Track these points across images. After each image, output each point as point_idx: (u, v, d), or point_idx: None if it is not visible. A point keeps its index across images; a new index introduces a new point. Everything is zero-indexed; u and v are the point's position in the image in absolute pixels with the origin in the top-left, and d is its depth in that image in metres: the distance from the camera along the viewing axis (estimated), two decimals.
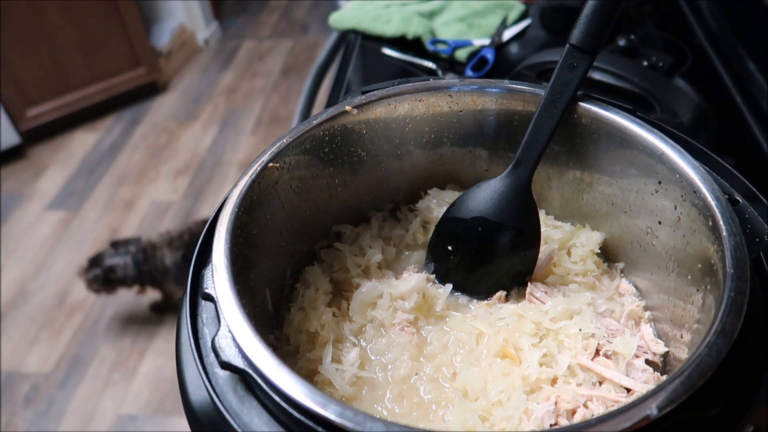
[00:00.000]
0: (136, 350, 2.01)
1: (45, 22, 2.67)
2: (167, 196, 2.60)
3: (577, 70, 0.55)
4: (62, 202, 2.59)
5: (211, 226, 0.50)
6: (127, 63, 3.01)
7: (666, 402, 0.36)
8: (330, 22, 1.33)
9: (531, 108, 0.60)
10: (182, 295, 0.49)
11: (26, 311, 2.12)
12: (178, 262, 1.88)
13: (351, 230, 0.66)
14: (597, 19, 0.54)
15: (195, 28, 3.55)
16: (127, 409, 1.84)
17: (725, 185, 0.53)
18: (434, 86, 0.62)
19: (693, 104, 0.91)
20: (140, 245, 1.91)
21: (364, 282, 0.60)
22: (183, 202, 2.56)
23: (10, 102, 2.69)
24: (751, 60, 0.95)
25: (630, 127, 0.55)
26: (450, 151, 0.66)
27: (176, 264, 1.88)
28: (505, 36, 1.21)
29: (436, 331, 0.58)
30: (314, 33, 3.73)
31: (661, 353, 0.53)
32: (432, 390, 0.53)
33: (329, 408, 0.36)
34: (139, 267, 1.87)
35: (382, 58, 1.20)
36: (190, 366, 0.45)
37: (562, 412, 0.48)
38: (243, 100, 3.17)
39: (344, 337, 0.57)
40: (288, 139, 0.56)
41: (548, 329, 0.55)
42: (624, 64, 0.92)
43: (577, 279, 0.61)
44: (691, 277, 0.50)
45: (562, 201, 0.65)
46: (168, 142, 2.91)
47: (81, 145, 2.91)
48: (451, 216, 0.62)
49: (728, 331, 0.39)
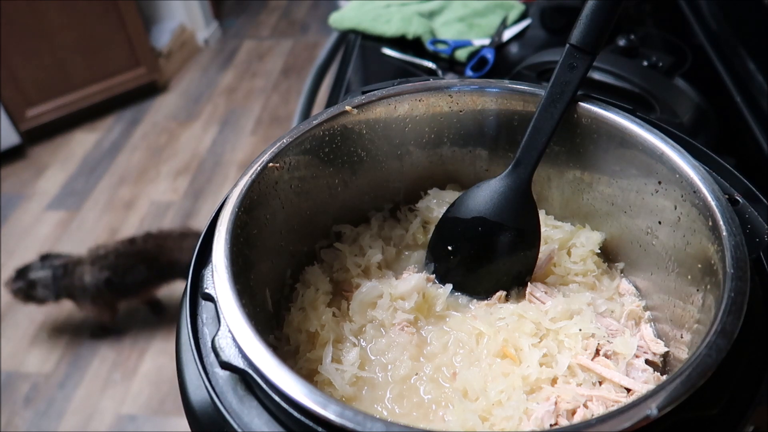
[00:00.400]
0: (136, 350, 2.01)
1: (45, 22, 2.67)
2: (167, 196, 2.60)
3: (577, 70, 0.55)
4: (62, 202, 2.59)
5: (211, 226, 0.50)
6: (127, 63, 3.01)
7: (666, 402, 0.36)
8: (330, 22, 1.33)
9: (531, 108, 0.60)
10: (183, 295, 0.49)
11: (26, 311, 2.12)
12: (99, 284, 1.83)
13: (351, 230, 0.66)
14: (597, 19, 0.54)
15: (195, 28, 3.55)
16: (127, 409, 1.84)
17: (725, 185, 0.53)
18: (434, 86, 0.62)
19: (693, 104, 0.91)
20: (67, 260, 1.88)
21: (364, 282, 0.60)
22: (183, 202, 2.56)
23: (10, 102, 2.69)
24: (751, 60, 0.95)
25: (630, 127, 0.55)
26: (450, 151, 0.66)
27: (96, 284, 1.83)
28: (505, 36, 1.21)
29: (436, 331, 0.58)
30: (314, 33, 3.73)
31: (661, 353, 0.53)
32: (432, 390, 0.53)
33: (329, 408, 0.36)
34: (58, 281, 1.84)
35: (382, 58, 1.20)
36: (190, 366, 0.45)
37: (562, 412, 0.48)
38: (243, 100, 3.17)
39: (344, 337, 0.57)
40: (288, 139, 0.56)
41: (548, 329, 0.55)
42: (624, 64, 0.92)
43: (577, 279, 0.61)
44: (691, 277, 0.50)
45: (562, 201, 0.65)
46: (168, 142, 2.91)
47: (81, 145, 2.91)
48: (451, 216, 0.62)
49: (728, 331, 0.39)
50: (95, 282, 1.83)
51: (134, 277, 1.86)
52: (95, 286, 1.83)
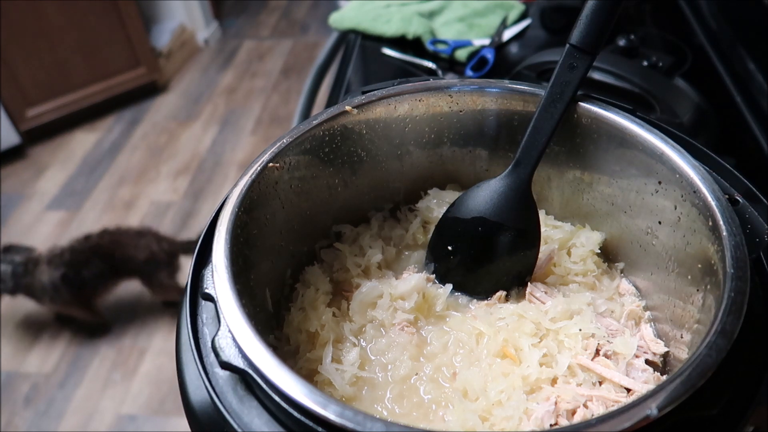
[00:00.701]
0: (136, 350, 2.01)
1: (45, 22, 2.67)
2: (167, 196, 2.60)
3: (577, 70, 0.55)
4: (62, 202, 2.59)
5: (211, 226, 0.50)
6: (127, 63, 3.01)
7: (666, 402, 0.36)
8: (330, 22, 1.33)
9: (531, 108, 0.60)
10: (182, 295, 0.49)
11: (26, 311, 2.12)
12: (56, 281, 1.82)
13: (351, 230, 0.66)
14: (597, 19, 0.54)
15: (195, 28, 3.55)
16: (127, 409, 1.84)
17: (725, 185, 0.53)
18: (434, 86, 0.62)
19: (693, 104, 0.91)
20: (29, 256, 1.87)
21: (364, 282, 0.60)
22: (183, 202, 2.56)
23: (10, 102, 2.69)
24: (751, 60, 0.95)
25: (630, 127, 0.55)
26: (450, 151, 0.66)
27: (53, 282, 1.82)
28: (505, 36, 1.21)
29: (436, 331, 0.58)
30: (314, 33, 3.73)
31: (661, 353, 0.53)
32: (432, 390, 0.53)
33: (329, 408, 0.36)
34: (17, 279, 1.82)
35: (382, 58, 1.20)
36: (190, 366, 0.45)
37: (562, 412, 0.48)
38: (243, 100, 3.17)
39: (344, 337, 0.57)
40: (288, 139, 0.56)
41: (548, 329, 0.55)
42: (624, 64, 0.92)
43: (577, 279, 0.61)
44: (691, 277, 0.50)
45: (562, 201, 0.65)
46: (168, 142, 2.91)
47: (81, 145, 2.91)
48: (451, 216, 0.62)
49: (728, 331, 0.39)
50: (51, 280, 1.82)
51: (90, 272, 1.85)
52: (52, 284, 1.83)
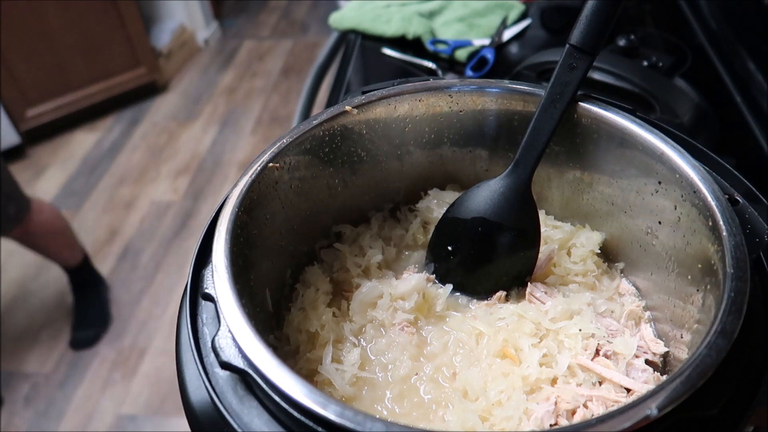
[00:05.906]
0: (136, 350, 2.01)
1: (45, 22, 2.67)
2: (167, 196, 2.60)
3: (577, 71, 0.55)
4: (62, 202, 2.58)
5: (211, 226, 0.50)
6: (127, 63, 3.00)
7: (666, 402, 0.36)
8: (330, 22, 1.33)
9: (531, 108, 0.60)
10: (182, 295, 0.49)
11: (26, 311, 2.12)
12: None
13: (351, 230, 0.66)
14: (597, 20, 0.54)
15: (195, 28, 3.55)
16: (127, 409, 1.84)
17: (725, 185, 0.53)
18: (434, 86, 0.62)
19: (693, 104, 0.91)
20: None
21: (364, 282, 0.60)
22: (183, 202, 2.56)
23: (10, 102, 2.69)
24: (751, 60, 0.95)
25: (630, 127, 0.55)
26: (450, 151, 0.66)
27: None
28: (505, 36, 1.21)
29: (436, 331, 0.58)
30: (314, 33, 3.73)
31: (661, 353, 0.53)
32: (432, 390, 0.53)
33: (329, 408, 0.36)
34: None
35: (382, 58, 1.20)
36: (190, 366, 0.45)
37: (562, 412, 0.48)
38: (243, 100, 3.17)
39: (344, 337, 0.57)
40: (288, 139, 0.56)
41: (548, 329, 0.55)
42: (624, 64, 0.92)
43: (577, 279, 0.61)
44: (691, 277, 0.50)
45: (562, 201, 0.65)
46: (168, 142, 2.91)
47: (81, 145, 2.90)
48: (451, 216, 0.62)
49: (728, 331, 0.39)
50: None
51: None
52: None
